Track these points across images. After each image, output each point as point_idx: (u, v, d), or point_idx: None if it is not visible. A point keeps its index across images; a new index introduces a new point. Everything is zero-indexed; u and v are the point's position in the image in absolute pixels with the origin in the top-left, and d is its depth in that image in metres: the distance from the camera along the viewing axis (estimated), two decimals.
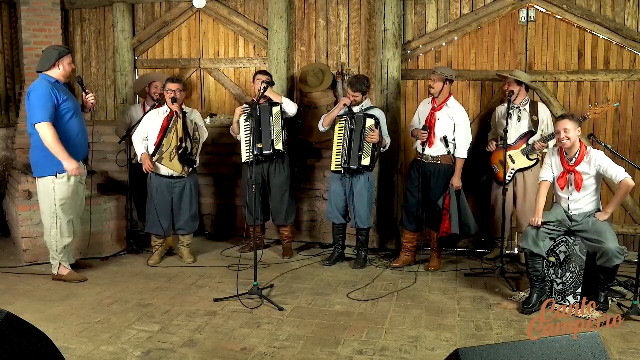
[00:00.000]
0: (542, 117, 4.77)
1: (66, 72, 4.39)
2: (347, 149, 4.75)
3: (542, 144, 4.66)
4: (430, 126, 4.67)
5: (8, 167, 6.20)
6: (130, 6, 6.18)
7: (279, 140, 4.88)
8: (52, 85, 4.29)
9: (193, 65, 6.08)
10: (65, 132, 4.32)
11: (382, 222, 5.49)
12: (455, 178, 4.64)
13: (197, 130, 4.89)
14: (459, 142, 4.65)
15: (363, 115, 4.74)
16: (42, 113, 4.17)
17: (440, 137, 4.64)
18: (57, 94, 4.27)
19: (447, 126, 4.64)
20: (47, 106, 4.19)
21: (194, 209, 5.03)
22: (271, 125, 4.85)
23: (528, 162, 4.78)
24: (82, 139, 4.49)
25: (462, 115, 4.67)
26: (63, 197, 4.37)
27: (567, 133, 3.82)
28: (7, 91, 6.39)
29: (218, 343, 3.33)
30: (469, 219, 4.64)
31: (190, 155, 4.82)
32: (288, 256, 5.22)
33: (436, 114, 4.68)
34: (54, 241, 4.43)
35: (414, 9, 5.38)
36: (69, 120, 4.34)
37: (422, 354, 3.19)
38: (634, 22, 4.90)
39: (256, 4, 5.82)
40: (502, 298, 4.13)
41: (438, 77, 4.61)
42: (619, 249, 3.69)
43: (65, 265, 4.52)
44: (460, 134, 4.63)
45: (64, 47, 4.62)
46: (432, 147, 4.68)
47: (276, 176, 5.05)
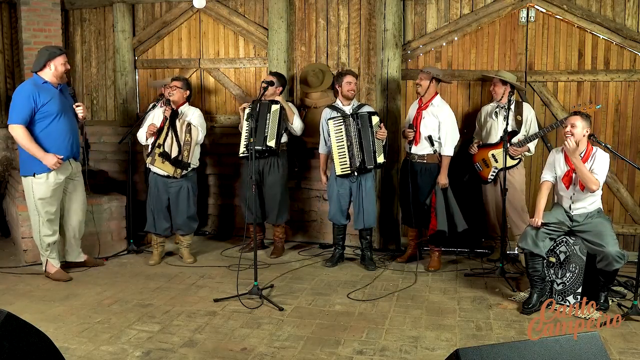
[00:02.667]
0: (526, 116, 4.75)
1: (58, 72, 4.41)
2: (359, 150, 4.71)
3: (516, 149, 4.66)
4: (416, 125, 4.73)
5: (8, 167, 6.20)
6: (130, 6, 6.18)
7: (272, 137, 4.86)
8: (38, 86, 4.34)
9: (193, 65, 6.08)
10: (48, 134, 4.38)
11: (383, 222, 5.49)
12: (441, 176, 4.67)
13: (189, 131, 4.80)
14: (444, 140, 4.67)
15: (367, 113, 4.74)
16: (15, 115, 4.30)
17: (425, 135, 4.69)
18: (39, 96, 4.31)
19: (432, 124, 4.68)
20: (22, 109, 4.29)
21: (192, 210, 5.02)
22: (267, 122, 4.85)
23: (510, 162, 4.72)
24: (68, 139, 4.49)
25: (447, 113, 4.69)
26: (42, 196, 4.44)
27: (573, 128, 3.81)
28: (7, 91, 6.39)
29: (218, 343, 3.33)
30: (456, 216, 4.67)
31: (179, 158, 4.76)
32: (275, 255, 5.21)
33: (422, 112, 4.73)
34: (37, 238, 4.53)
35: (414, 9, 5.38)
36: (51, 122, 4.38)
37: (422, 354, 3.19)
38: (634, 22, 4.90)
39: (256, 4, 5.82)
40: (502, 298, 4.13)
41: (425, 75, 4.67)
42: (619, 253, 3.68)
43: (53, 263, 4.57)
44: (445, 132, 4.66)
45: (58, 47, 4.64)
46: (417, 145, 4.74)
47: (270, 175, 5.05)
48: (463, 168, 5.09)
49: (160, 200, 4.94)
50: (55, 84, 4.44)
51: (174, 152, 4.78)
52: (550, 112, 5.11)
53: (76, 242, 4.82)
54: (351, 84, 4.79)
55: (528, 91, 5.13)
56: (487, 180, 4.85)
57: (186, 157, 4.81)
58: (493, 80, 4.81)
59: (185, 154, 4.80)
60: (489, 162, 4.82)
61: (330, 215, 5.01)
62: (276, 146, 4.91)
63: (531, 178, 5.11)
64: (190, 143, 4.82)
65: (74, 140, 4.57)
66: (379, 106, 5.35)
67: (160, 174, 4.88)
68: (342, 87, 4.80)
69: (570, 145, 3.76)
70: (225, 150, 5.97)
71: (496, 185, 4.83)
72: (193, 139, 4.83)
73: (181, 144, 4.78)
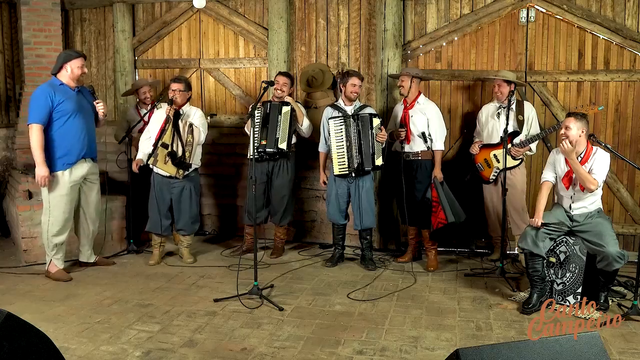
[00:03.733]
0: (527, 115, 4.74)
1: (74, 75, 4.48)
2: (357, 151, 4.72)
3: (518, 149, 4.67)
4: (406, 124, 4.82)
5: (8, 167, 6.20)
6: (130, 6, 6.19)
7: (284, 139, 4.89)
8: (55, 87, 4.42)
9: (193, 65, 6.09)
10: (63, 132, 4.44)
11: (382, 222, 5.49)
12: (437, 169, 4.80)
13: (191, 132, 4.81)
14: (434, 136, 4.79)
15: (369, 115, 4.74)
16: (32, 115, 4.37)
17: (418, 133, 4.78)
18: (55, 96, 4.37)
19: (421, 121, 4.80)
20: (39, 109, 4.35)
21: (194, 211, 5.03)
22: (278, 124, 4.86)
23: (512, 162, 4.72)
24: (82, 139, 4.54)
25: (434, 110, 4.83)
26: (55, 195, 4.47)
27: (567, 130, 3.81)
28: (7, 91, 6.40)
29: (218, 343, 3.33)
30: (456, 207, 4.77)
31: (182, 159, 4.77)
32: (275, 255, 5.22)
33: (409, 112, 4.84)
34: (45, 237, 4.55)
35: (414, 9, 5.38)
36: (66, 120, 4.44)
37: (422, 354, 3.19)
38: (634, 22, 4.90)
39: (256, 4, 5.82)
40: (502, 298, 4.13)
41: (405, 77, 4.81)
42: (619, 253, 3.68)
43: (56, 263, 4.58)
44: (434, 128, 4.80)
45: (75, 51, 4.76)
46: (410, 143, 4.82)
47: (278, 177, 5.06)
48: (464, 168, 5.09)
49: (164, 201, 4.94)
50: (73, 86, 4.50)
51: (177, 152, 4.78)
52: (550, 112, 5.11)
53: (89, 242, 4.84)
54: (355, 87, 4.80)
55: (528, 91, 5.13)
56: (488, 181, 4.85)
57: (188, 157, 4.81)
58: (496, 82, 4.78)
59: (187, 154, 4.80)
60: (490, 162, 4.82)
61: (329, 215, 5.02)
62: (287, 148, 4.93)
63: (531, 178, 5.11)
64: (192, 144, 4.82)
65: (90, 140, 4.62)
66: (378, 106, 5.35)
67: (163, 175, 4.88)
68: (346, 88, 4.81)
69: (566, 147, 3.76)
70: (225, 150, 5.97)
71: (497, 185, 4.83)
72: (195, 140, 4.82)
73: (184, 145, 4.78)
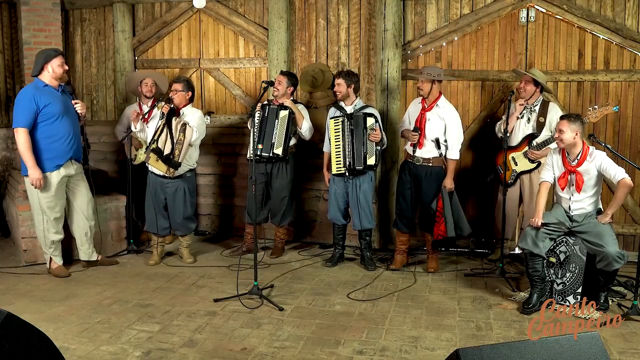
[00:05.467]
0: (550, 118, 4.62)
1: (56, 74, 4.43)
2: (350, 150, 4.70)
3: (535, 152, 4.64)
4: (421, 127, 4.61)
5: (8, 167, 6.20)
6: (130, 6, 6.19)
7: (279, 144, 4.85)
8: (39, 89, 4.38)
9: (193, 65, 6.08)
10: (50, 134, 4.43)
11: (382, 222, 5.49)
12: (448, 179, 4.59)
13: (184, 130, 4.74)
14: (451, 143, 4.59)
15: (362, 114, 4.72)
16: (18, 119, 4.35)
17: (432, 138, 4.59)
18: (40, 99, 4.35)
19: (438, 127, 4.58)
20: (24, 112, 4.33)
21: (189, 211, 5.01)
22: (275, 129, 4.85)
23: (530, 165, 4.70)
24: (70, 141, 4.53)
25: (453, 115, 4.60)
26: (45, 195, 4.49)
27: (561, 134, 3.82)
28: (7, 91, 6.39)
29: (218, 343, 3.33)
30: (462, 220, 4.60)
31: (171, 156, 4.73)
32: (275, 255, 5.22)
33: (426, 114, 4.61)
34: (42, 236, 4.58)
35: (414, 9, 5.38)
36: (52, 122, 4.42)
37: (422, 354, 3.19)
38: (634, 22, 4.90)
39: (256, 4, 5.82)
40: (502, 298, 4.13)
41: (425, 79, 4.56)
42: (619, 253, 3.68)
43: (57, 260, 4.64)
44: (452, 135, 4.58)
45: (53, 49, 4.64)
46: (422, 148, 4.63)
47: (277, 179, 5.06)
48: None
49: (158, 200, 4.94)
50: (56, 85, 4.47)
51: (166, 149, 4.74)
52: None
53: (87, 240, 4.83)
54: (339, 86, 4.78)
55: None
56: (508, 183, 4.73)
57: (177, 156, 4.75)
58: (524, 78, 4.67)
59: (176, 152, 4.75)
60: (509, 165, 4.75)
61: (330, 215, 5.01)
62: (283, 153, 4.88)
63: None
64: (183, 142, 4.73)
65: (76, 141, 4.61)
66: (379, 106, 5.35)
67: (157, 174, 4.88)
68: None
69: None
70: (225, 150, 5.97)
71: (515, 188, 4.80)
72: (186, 139, 4.74)
73: (174, 143, 4.76)
